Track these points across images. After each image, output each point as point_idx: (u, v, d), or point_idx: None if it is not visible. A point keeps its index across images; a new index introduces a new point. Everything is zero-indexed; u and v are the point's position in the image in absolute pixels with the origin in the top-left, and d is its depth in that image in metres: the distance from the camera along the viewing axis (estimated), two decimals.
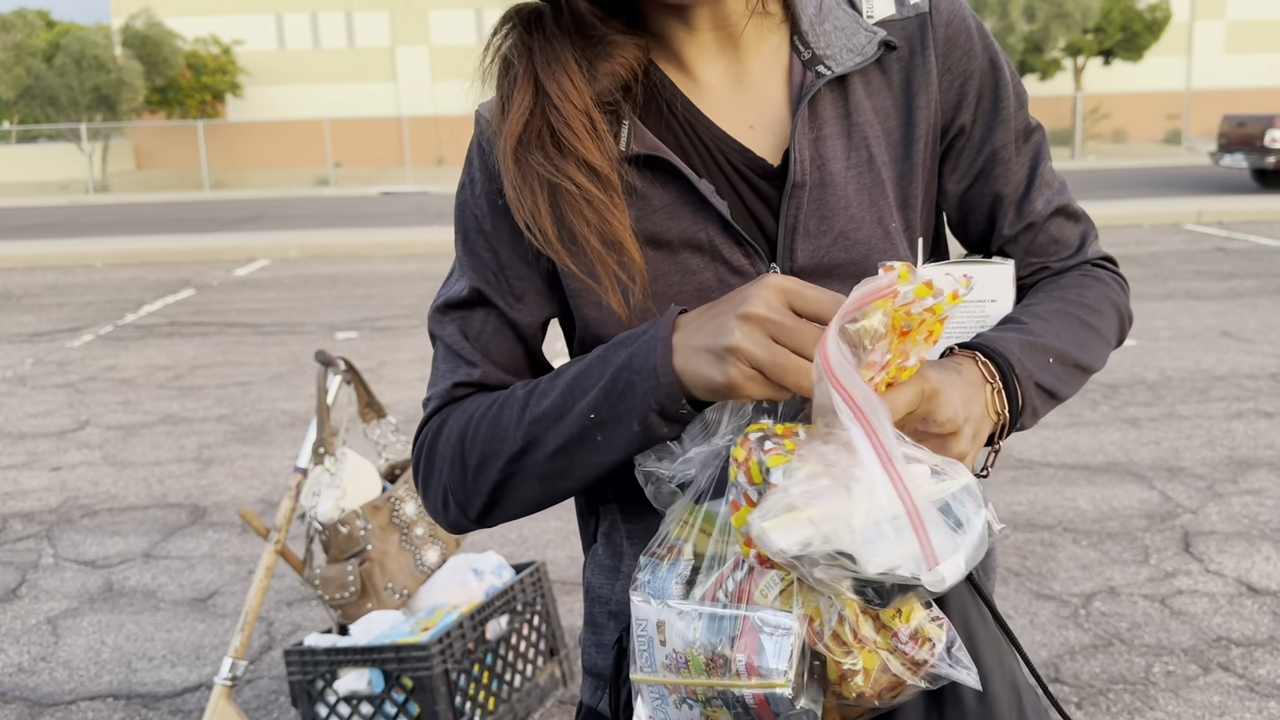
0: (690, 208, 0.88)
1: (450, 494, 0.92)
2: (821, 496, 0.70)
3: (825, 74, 0.89)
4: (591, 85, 0.87)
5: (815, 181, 0.89)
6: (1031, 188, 0.97)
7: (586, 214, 0.85)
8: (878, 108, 0.92)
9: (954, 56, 0.93)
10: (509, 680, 2.57)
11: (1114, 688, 2.77)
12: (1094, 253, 1.01)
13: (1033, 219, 0.97)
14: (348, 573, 2.48)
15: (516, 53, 0.88)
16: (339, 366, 2.61)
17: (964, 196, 0.97)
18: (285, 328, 7.97)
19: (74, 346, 7.54)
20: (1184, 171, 20.21)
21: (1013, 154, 0.96)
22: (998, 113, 0.95)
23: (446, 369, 0.95)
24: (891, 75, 0.92)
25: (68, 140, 26.08)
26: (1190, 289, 8.27)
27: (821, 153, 0.89)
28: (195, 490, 4.52)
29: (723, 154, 0.90)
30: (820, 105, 0.90)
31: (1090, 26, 27.20)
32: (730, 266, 0.89)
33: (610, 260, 0.86)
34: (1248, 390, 5.41)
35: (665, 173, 0.88)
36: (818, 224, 0.89)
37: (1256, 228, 11.96)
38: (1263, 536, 3.64)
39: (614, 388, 0.80)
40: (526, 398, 0.87)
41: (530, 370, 0.96)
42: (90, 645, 3.22)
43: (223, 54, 29.40)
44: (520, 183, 0.86)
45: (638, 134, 0.88)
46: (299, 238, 13.16)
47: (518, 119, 0.86)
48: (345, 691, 2.41)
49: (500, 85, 0.89)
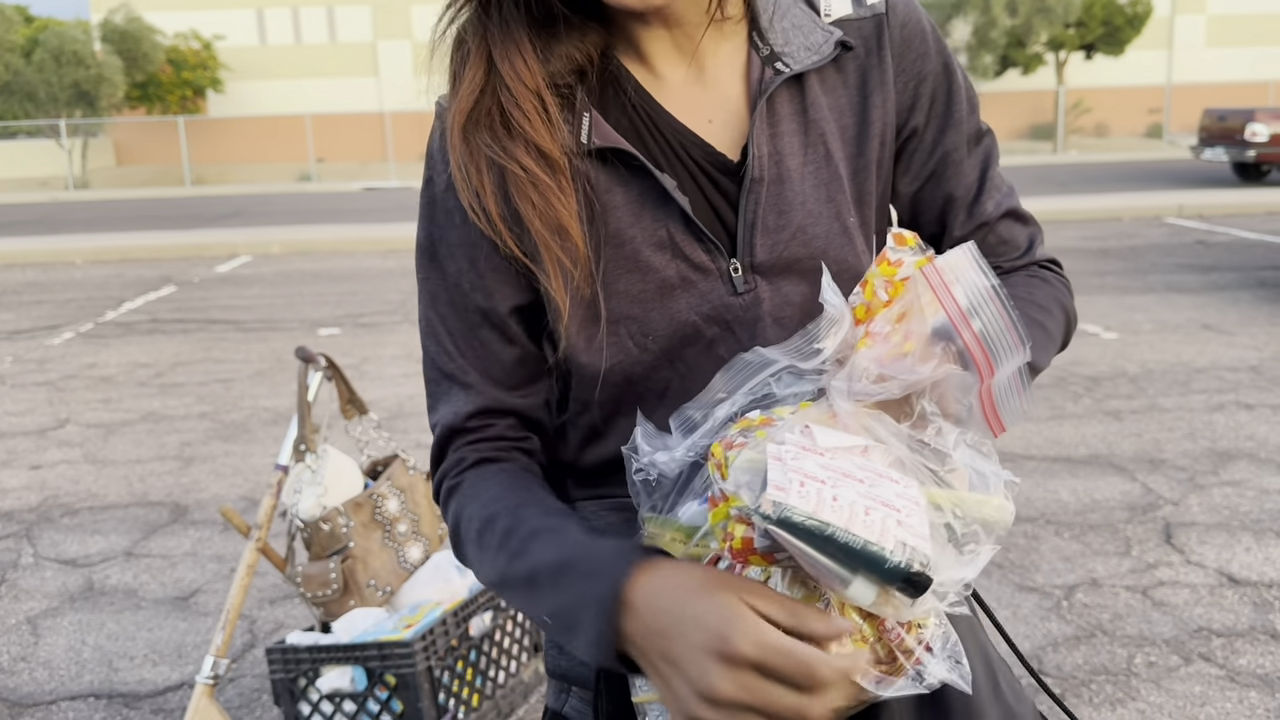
0: (652, 203, 0.88)
1: (458, 555, 0.93)
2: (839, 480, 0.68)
3: (783, 71, 0.89)
4: (545, 66, 0.86)
5: (773, 177, 0.89)
6: (983, 190, 0.98)
7: (533, 198, 0.85)
8: (833, 105, 0.92)
9: (909, 58, 0.94)
10: (493, 677, 2.57)
11: (1096, 679, 2.78)
12: (1041, 255, 1.02)
13: (983, 219, 0.98)
14: (330, 570, 2.47)
15: (470, 28, 0.87)
16: (320, 363, 2.60)
17: (915, 197, 0.98)
18: (267, 324, 7.93)
19: (54, 344, 7.49)
20: (1165, 165, 20.33)
21: (964, 156, 0.97)
22: (950, 115, 0.96)
23: (444, 388, 0.94)
24: (847, 74, 0.93)
25: (47, 136, 25.89)
26: (1171, 282, 8.32)
27: (779, 149, 0.90)
28: (176, 488, 4.49)
29: (683, 148, 0.90)
30: (777, 102, 0.90)
31: (1072, 21, 27.32)
32: (691, 263, 0.88)
33: (554, 245, 0.85)
34: (1228, 382, 5.45)
35: (627, 166, 0.88)
36: (776, 219, 0.89)
37: (1237, 221, 12.04)
38: (1243, 527, 3.67)
39: (562, 618, 0.78)
40: (505, 538, 0.84)
41: (524, 379, 0.94)
42: (71, 645, 3.20)
43: (203, 49, 29.22)
44: (467, 161, 0.86)
45: (598, 128, 0.87)
46: (281, 234, 13.10)
47: (467, 96, 0.86)
48: (328, 689, 2.40)
49: (452, 60, 0.88)
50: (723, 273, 0.89)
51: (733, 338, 0.90)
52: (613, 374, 0.90)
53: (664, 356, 0.90)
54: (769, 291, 0.89)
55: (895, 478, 0.69)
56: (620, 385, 0.91)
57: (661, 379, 0.91)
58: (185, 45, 28.74)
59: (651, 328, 0.89)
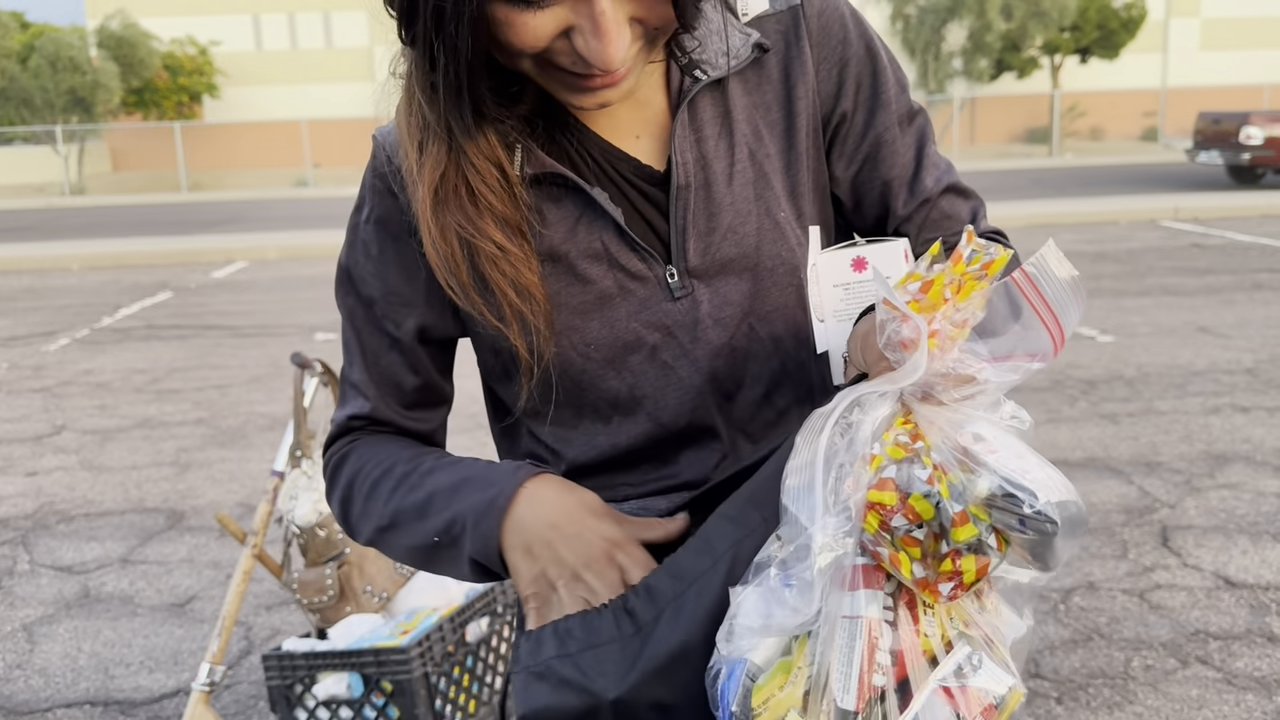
0: (586, 218, 0.90)
1: (341, 521, 0.99)
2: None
3: (702, 79, 0.90)
4: (497, 127, 0.87)
5: (699, 182, 0.91)
6: (921, 168, 0.98)
7: (504, 268, 0.87)
8: (757, 103, 0.94)
9: (829, 45, 0.95)
10: (489, 683, 2.56)
11: (1094, 682, 2.78)
12: (985, 228, 1.02)
13: (925, 196, 0.98)
14: (326, 576, 2.46)
15: (424, 98, 0.86)
16: (315, 368, 2.60)
17: (854, 181, 0.99)
18: (263, 330, 7.92)
19: (50, 350, 7.47)
20: (1160, 168, 20.36)
21: (897, 136, 0.97)
22: (878, 97, 0.96)
23: (348, 393, 1.00)
24: (769, 69, 0.94)
25: (43, 142, 25.83)
26: (1167, 285, 8.33)
27: (704, 153, 0.91)
28: (173, 494, 4.49)
29: (612, 165, 0.91)
30: (699, 107, 0.92)
31: (1067, 25, 27.35)
32: (628, 272, 0.90)
33: (523, 308, 0.88)
34: (1224, 385, 5.45)
35: (560, 187, 0.90)
36: (706, 222, 0.91)
37: (1232, 224, 12.06)
38: (1239, 530, 3.67)
39: (451, 528, 0.88)
40: (402, 479, 0.93)
41: (421, 402, 1.00)
42: (67, 652, 3.19)
43: (199, 55, 29.20)
44: (440, 240, 0.88)
45: (533, 157, 0.89)
46: (277, 239, 13.09)
47: (433, 171, 0.87)
48: (324, 696, 2.39)
49: (408, 122, 0.89)
50: (659, 279, 0.91)
51: (674, 341, 0.92)
52: (563, 380, 0.93)
53: (607, 365, 0.92)
54: (706, 293, 0.91)
55: (1021, 444, 0.68)
56: (571, 391, 0.94)
57: (610, 388, 0.93)
58: (181, 51, 28.71)
59: (591, 337, 0.91)
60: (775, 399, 0.95)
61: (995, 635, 0.71)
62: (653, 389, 0.93)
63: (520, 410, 0.98)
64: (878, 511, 0.65)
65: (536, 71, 0.80)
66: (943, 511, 0.64)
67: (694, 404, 0.93)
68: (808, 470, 0.67)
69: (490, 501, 0.86)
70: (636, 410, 0.93)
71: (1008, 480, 0.63)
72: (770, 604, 0.67)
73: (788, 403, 0.96)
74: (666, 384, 0.93)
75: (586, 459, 0.96)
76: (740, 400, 0.94)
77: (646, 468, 0.96)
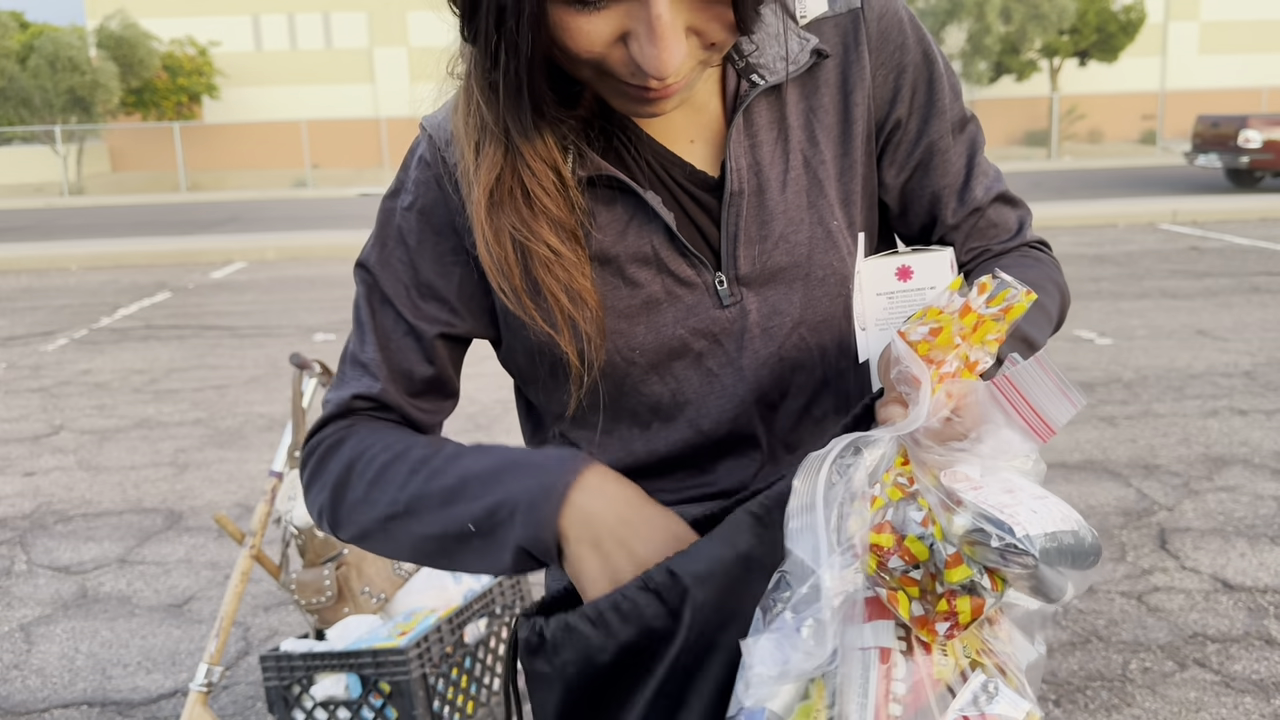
0: (637, 222, 0.89)
1: (324, 512, 0.93)
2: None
3: (759, 84, 0.89)
4: (554, 129, 0.85)
5: (752, 189, 0.90)
6: (971, 176, 0.97)
7: (557, 273, 0.86)
8: (814, 108, 0.92)
9: (887, 50, 0.93)
10: (487, 684, 2.56)
11: (1092, 685, 2.78)
12: (1031, 236, 1.01)
13: (975, 205, 0.97)
14: (324, 577, 2.46)
15: (482, 97, 0.85)
16: (314, 369, 2.59)
17: (904, 189, 0.97)
18: (262, 330, 7.92)
19: (48, 350, 7.47)
20: (1159, 172, 20.37)
21: (950, 144, 0.96)
22: (933, 105, 0.95)
23: (351, 373, 0.95)
24: (827, 73, 0.93)
25: (42, 142, 25.82)
26: (1165, 288, 8.34)
27: (758, 159, 0.90)
28: (171, 495, 4.48)
29: (665, 169, 0.90)
30: (755, 113, 0.90)
31: (1066, 28, 27.37)
32: (677, 278, 0.89)
33: (575, 314, 0.87)
34: (1222, 388, 5.46)
35: (612, 189, 0.89)
36: (758, 229, 0.90)
37: (1230, 227, 12.07)
38: (1237, 533, 3.67)
39: (495, 514, 0.82)
40: (420, 464, 0.87)
41: (430, 392, 0.96)
42: (64, 652, 3.19)
43: (199, 55, 29.19)
44: (494, 243, 0.86)
45: (587, 159, 0.87)
46: (276, 240, 13.09)
47: (489, 172, 0.85)
48: (322, 697, 2.39)
49: (465, 123, 0.87)
50: (708, 286, 0.90)
51: (720, 349, 0.91)
52: (605, 383, 0.91)
53: (651, 370, 0.91)
54: (755, 302, 0.90)
55: (1018, 479, 0.68)
56: (612, 395, 0.92)
57: (652, 393, 0.92)
58: (181, 51, 28.70)
59: (636, 341, 0.90)
60: (814, 409, 0.94)
61: (1009, 661, 0.71)
62: (696, 396, 0.92)
63: (568, 417, 0.96)
64: (875, 553, 0.66)
65: (596, 80, 0.79)
66: (936, 553, 0.65)
67: (736, 412, 0.92)
68: (809, 513, 0.68)
69: (545, 488, 0.81)
70: (677, 416, 0.92)
71: (983, 515, 0.63)
72: (785, 649, 0.67)
73: (825, 412, 0.95)
74: (710, 391, 0.92)
75: (622, 464, 0.94)
76: (783, 410, 0.93)
77: (683, 474, 0.94)
